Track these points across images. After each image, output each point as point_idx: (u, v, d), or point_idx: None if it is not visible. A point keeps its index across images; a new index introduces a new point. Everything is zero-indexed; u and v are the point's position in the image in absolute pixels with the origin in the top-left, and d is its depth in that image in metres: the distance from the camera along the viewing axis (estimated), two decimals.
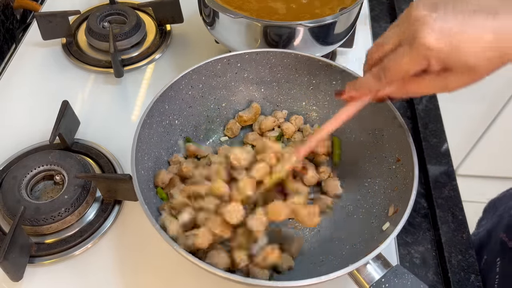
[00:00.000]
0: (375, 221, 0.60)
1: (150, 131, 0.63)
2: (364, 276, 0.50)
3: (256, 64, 0.72)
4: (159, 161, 0.66)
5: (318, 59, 0.69)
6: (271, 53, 0.70)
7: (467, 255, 0.67)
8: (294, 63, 0.71)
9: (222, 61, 0.70)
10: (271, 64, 0.72)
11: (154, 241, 0.65)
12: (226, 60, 0.70)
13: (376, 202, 0.63)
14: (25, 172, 0.67)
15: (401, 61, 0.46)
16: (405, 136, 0.60)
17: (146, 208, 0.52)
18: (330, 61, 0.69)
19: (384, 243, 0.50)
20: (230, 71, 0.72)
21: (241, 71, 0.72)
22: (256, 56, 0.71)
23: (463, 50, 0.42)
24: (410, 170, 0.57)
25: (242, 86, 0.74)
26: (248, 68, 0.72)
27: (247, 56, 0.70)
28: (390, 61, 0.47)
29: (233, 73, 0.72)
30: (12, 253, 0.57)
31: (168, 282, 0.62)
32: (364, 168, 0.67)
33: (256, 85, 0.74)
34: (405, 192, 0.56)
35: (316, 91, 0.73)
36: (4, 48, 0.99)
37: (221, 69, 0.70)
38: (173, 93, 0.67)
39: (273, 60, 0.71)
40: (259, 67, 0.72)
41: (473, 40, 0.42)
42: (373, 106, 0.63)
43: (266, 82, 0.74)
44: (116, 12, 0.95)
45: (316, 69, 0.71)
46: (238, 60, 0.71)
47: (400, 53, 0.46)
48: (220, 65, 0.70)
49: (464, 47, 0.42)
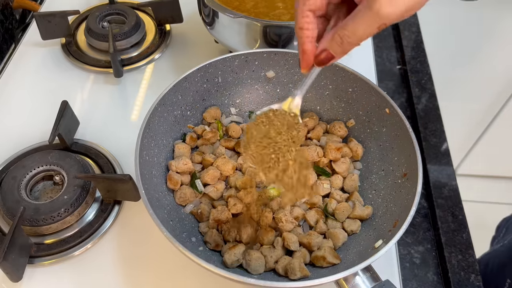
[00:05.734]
0: (373, 233, 0.60)
1: (160, 119, 0.64)
2: (350, 287, 0.50)
3: (274, 64, 0.72)
4: (165, 149, 0.67)
5: (335, 64, 0.69)
6: (289, 54, 0.70)
7: (467, 255, 0.67)
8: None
9: (239, 58, 0.70)
10: (289, 65, 0.72)
11: (154, 241, 0.64)
12: (244, 57, 0.70)
13: (377, 215, 0.63)
14: (24, 172, 0.67)
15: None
16: (414, 151, 0.59)
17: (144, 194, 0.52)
18: (348, 67, 0.68)
19: (375, 256, 0.50)
20: (247, 68, 0.72)
21: (259, 69, 0.72)
22: (274, 56, 0.71)
23: None
24: (414, 186, 0.57)
25: (258, 84, 0.74)
26: (266, 67, 0.72)
27: (265, 56, 0.71)
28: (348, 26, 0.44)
29: (250, 71, 0.72)
30: (11, 253, 0.57)
31: (168, 282, 0.62)
32: (371, 179, 0.67)
33: (272, 85, 0.74)
34: (406, 207, 0.56)
35: (331, 96, 0.73)
36: (3, 48, 0.99)
37: (238, 65, 0.71)
38: (187, 85, 0.68)
39: (291, 62, 0.71)
40: (277, 67, 0.72)
41: None
42: (386, 120, 0.64)
43: (282, 83, 0.74)
44: (115, 12, 0.94)
45: (333, 74, 0.71)
46: (256, 58, 0.71)
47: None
48: (238, 61, 0.70)
49: None
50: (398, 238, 0.52)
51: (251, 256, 0.57)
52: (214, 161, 0.67)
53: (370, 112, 0.69)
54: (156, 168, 0.64)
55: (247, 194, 0.62)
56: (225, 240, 0.61)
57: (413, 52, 0.96)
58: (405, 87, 0.91)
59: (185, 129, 0.71)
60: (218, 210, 0.61)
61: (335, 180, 0.67)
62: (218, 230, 0.62)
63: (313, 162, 0.68)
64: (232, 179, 0.66)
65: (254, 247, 0.60)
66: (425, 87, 0.89)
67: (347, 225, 0.63)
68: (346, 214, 0.63)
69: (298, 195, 0.53)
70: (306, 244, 0.60)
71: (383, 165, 0.66)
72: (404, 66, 0.95)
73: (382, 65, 0.95)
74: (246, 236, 0.60)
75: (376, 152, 0.69)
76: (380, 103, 0.67)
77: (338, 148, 0.68)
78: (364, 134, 0.71)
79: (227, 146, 0.70)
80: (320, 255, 0.57)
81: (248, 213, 0.62)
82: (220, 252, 0.60)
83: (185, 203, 0.64)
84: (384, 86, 0.91)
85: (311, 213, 0.63)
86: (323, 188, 0.66)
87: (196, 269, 0.50)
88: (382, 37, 1.01)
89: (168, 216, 0.60)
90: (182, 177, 0.65)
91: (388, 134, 0.66)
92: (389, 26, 1.03)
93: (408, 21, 1.03)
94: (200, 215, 0.63)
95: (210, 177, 0.65)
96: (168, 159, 0.67)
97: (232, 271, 0.52)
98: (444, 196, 0.73)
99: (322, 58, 0.48)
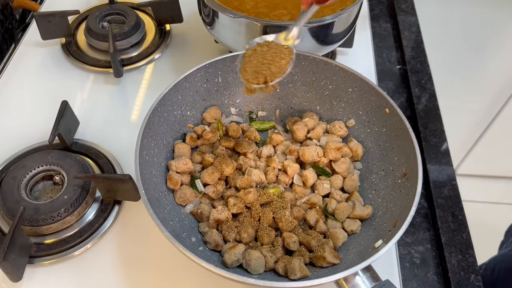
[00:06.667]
0: (373, 233, 0.60)
1: (160, 119, 0.64)
2: (350, 287, 0.50)
3: None
4: (165, 149, 0.67)
5: (336, 64, 0.69)
6: None
7: (467, 255, 0.67)
8: (311, 66, 0.71)
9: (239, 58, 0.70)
10: None
11: (154, 241, 0.64)
12: None
13: (377, 215, 0.63)
14: (24, 172, 0.67)
15: None
16: (414, 150, 0.59)
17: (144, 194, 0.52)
18: (347, 67, 0.68)
19: (375, 256, 0.50)
20: None
21: None
22: None
23: None
24: (414, 186, 0.57)
25: None
26: None
27: None
28: None
29: None
30: (11, 253, 0.57)
31: (168, 282, 0.62)
32: (371, 179, 0.67)
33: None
34: (406, 207, 0.56)
35: (331, 96, 0.73)
36: (3, 48, 0.99)
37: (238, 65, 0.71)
38: (187, 85, 0.68)
39: None
40: None
41: None
42: (387, 120, 0.64)
43: (282, 83, 0.74)
44: (115, 12, 0.94)
45: (333, 74, 0.70)
46: None
47: None
48: (238, 61, 0.70)
49: None
50: (398, 238, 0.52)
51: (251, 256, 0.57)
52: (214, 161, 0.67)
53: (370, 112, 0.69)
54: (156, 168, 0.64)
55: (247, 194, 0.62)
56: (225, 240, 0.61)
57: (413, 52, 0.96)
58: (405, 87, 0.91)
59: (185, 129, 0.71)
60: (218, 210, 0.61)
61: (335, 180, 0.67)
62: (218, 230, 0.62)
63: (313, 161, 0.68)
64: (232, 179, 0.66)
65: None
66: (425, 87, 0.89)
67: (347, 225, 0.63)
68: (346, 214, 0.63)
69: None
70: (306, 244, 0.60)
71: (383, 165, 0.66)
72: (404, 66, 0.95)
73: (382, 65, 0.95)
74: (247, 236, 0.60)
75: (376, 152, 0.69)
76: (380, 103, 0.67)
77: (338, 148, 0.68)
78: (364, 134, 0.71)
79: (227, 146, 0.70)
80: (320, 255, 0.57)
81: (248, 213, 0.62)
82: (220, 252, 0.60)
83: (185, 203, 0.65)
84: (384, 86, 0.91)
85: (311, 213, 0.63)
86: (323, 188, 0.66)
87: (196, 269, 0.50)
88: (382, 37, 1.01)
89: (168, 216, 0.60)
90: (182, 177, 0.66)
91: (388, 134, 0.66)
92: (389, 26, 1.03)
93: (408, 21, 1.03)
94: (200, 215, 0.63)
95: (210, 177, 0.65)
96: (168, 159, 0.67)
97: (232, 271, 0.52)
98: (444, 196, 0.73)
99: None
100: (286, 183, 0.67)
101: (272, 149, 0.70)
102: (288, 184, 0.67)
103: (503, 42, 1.44)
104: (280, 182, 0.67)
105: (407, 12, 1.05)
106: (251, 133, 0.71)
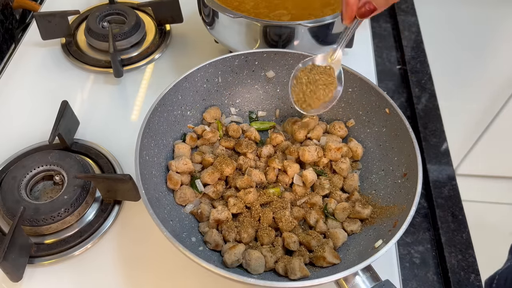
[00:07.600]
0: (373, 233, 0.60)
1: (160, 119, 0.64)
2: (350, 286, 0.50)
3: (274, 64, 0.72)
4: (165, 149, 0.67)
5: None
6: (289, 54, 0.71)
7: (467, 255, 0.67)
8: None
9: (239, 58, 0.70)
10: (289, 65, 0.72)
11: (154, 241, 0.64)
12: (244, 57, 0.70)
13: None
14: (24, 172, 0.67)
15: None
16: (414, 150, 0.59)
17: (144, 194, 0.52)
18: (347, 67, 0.68)
19: (375, 256, 0.50)
20: (247, 68, 0.72)
21: (259, 69, 0.73)
22: (274, 56, 0.71)
23: None
24: (414, 186, 0.57)
25: (258, 84, 0.74)
26: (266, 67, 0.72)
27: (265, 55, 0.71)
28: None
29: (250, 71, 0.73)
30: (11, 253, 0.57)
31: (168, 282, 0.62)
32: (371, 179, 0.67)
33: (272, 85, 0.75)
34: (406, 207, 0.56)
35: None
36: (3, 48, 0.99)
37: (238, 65, 0.71)
38: (187, 85, 0.68)
39: (291, 61, 0.71)
40: (277, 67, 0.73)
41: None
42: (386, 120, 0.64)
43: (282, 83, 0.74)
44: (115, 12, 0.94)
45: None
46: (256, 58, 0.71)
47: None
48: (238, 61, 0.71)
49: None
50: (398, 238, 0.52)
51: (251, 256, 0.57)
52: (214, 161, 0.67)
53: (370, 112, 0.69)
54: (156, 168, 0.64)
55: (247, 194, 0.62)
56: (225, 240, 0.61)
57: (413, 52, 0.96)
58: (405, 87, 0.91)
59: (185, 129, 0.71)
60: (218, 210, 0.61)
61: (335, 180, 0.67)
62: (218, 230, 0.62)
63: (313, 161, 0.68)
64: (232, 179, 0.66)
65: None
66: (425, 87, 0.90)
67: (347, 225, 0.63)
68: (346, 214, 0.63)
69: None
70: (306, 244, 0.60)
71: (383, 165, 0.67)
72: (404, 66, 0.95)
73: (382, 65, 0.95)
74: (247, 236, 0.60)
75: (376, 152, 0.69)
76: (380, 103, 0.67)
77: (338, 148, 0.68)
78: (364, 134, 0.71)
79: (227, 146, 0.70)
80: (320, 255, 0.57)
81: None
82: (220, 252, 0.60)
83: (185, 203, 0.65)
84: (384, 86, 0.91)
85: (311, 213, 0.63)
86: (323, 188, 0.66)
87: (196, 269, 0.50)
88: (382, 37, 1.01)
89: (168, 216, 0.60)
90: (182, 177, 0.66)
91: (388, 134, 0.66)
92: (388, 26, 1.03)
93: (408, 21, 1.03)
94: (200, 215, 0.63)
95: (210, 177, 0.65)
96: (168, 159, 0.67)
97: (232, 271, 0.52)
98: (444, 196, 0.73)
99: (364, 11, 0.52)
100: (286, 183, 0.67)
101: (272, 149, 0.70)
102: (288, 184, 0.67)
103: (503, 42, 1.44)
104: (280, 182, 0.67)
105: (407, 12, 1.05)
106: (251, 133, 0.71)
